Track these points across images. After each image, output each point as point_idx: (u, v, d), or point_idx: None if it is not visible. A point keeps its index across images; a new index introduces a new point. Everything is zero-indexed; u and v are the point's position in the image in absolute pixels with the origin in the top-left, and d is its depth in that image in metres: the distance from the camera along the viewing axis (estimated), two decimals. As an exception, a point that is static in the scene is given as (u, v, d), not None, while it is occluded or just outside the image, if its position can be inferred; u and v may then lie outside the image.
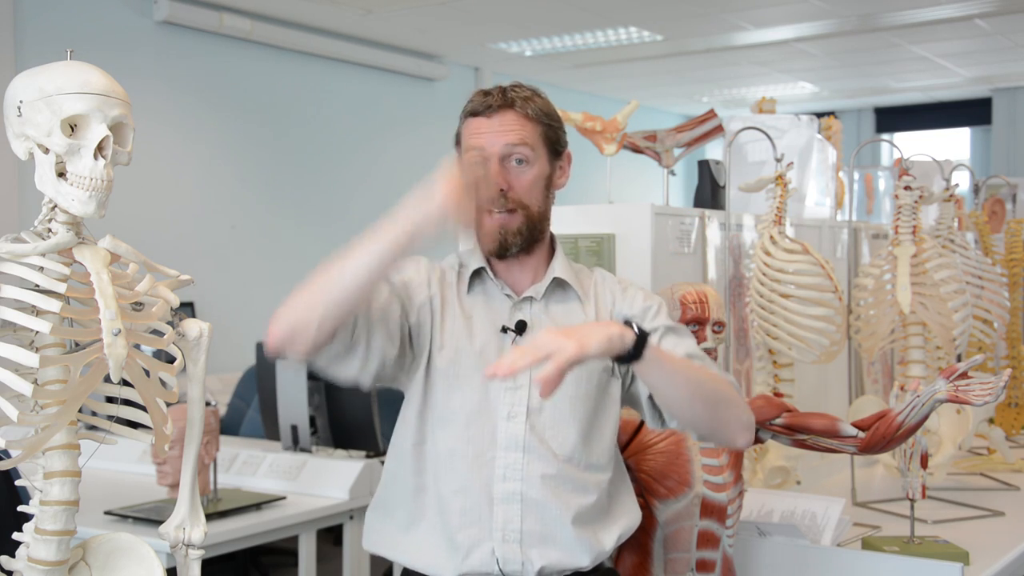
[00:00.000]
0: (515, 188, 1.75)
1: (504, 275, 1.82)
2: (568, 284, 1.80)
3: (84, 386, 1.46)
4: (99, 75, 1.46)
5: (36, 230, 1.50)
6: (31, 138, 1.45)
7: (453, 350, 1.75)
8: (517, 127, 1.76)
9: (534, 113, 1.77)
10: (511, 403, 1.72)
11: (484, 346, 1.75)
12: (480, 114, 1.77)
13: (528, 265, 1.81)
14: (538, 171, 1.77)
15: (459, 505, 1.70)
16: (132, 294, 1.51)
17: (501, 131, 1.75)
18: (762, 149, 3.08)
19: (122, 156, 1.49)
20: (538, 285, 1.80)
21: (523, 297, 1.79)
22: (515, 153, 1.75)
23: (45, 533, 1.47)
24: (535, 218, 1.77)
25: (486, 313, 1.78)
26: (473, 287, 1.81)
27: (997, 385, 1.80)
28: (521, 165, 1.75)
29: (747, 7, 6.71)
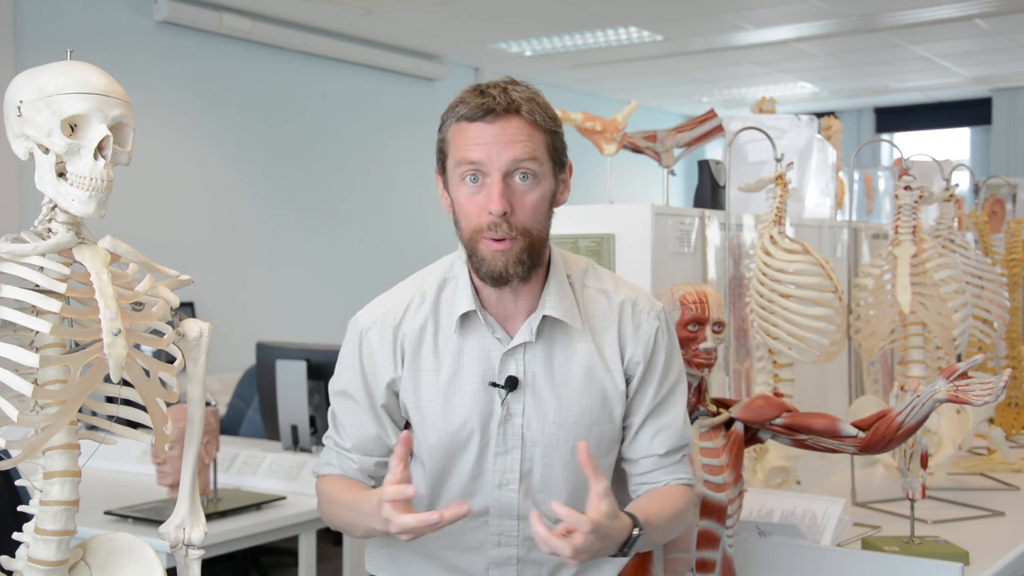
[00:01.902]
0: (517, 212, 1.54)
1: (496, 309, 1.64)
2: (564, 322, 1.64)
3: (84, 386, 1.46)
4: (99, 75, 1.46)
5: (36, 230, 1.50)
6: (31, 138, 1.45)
7: (437, 414, 1.63)
8: (524, 137, 1.53)
9: (542, 120, 1.56)
10: (502, 470, 1.63)
11: (472, 405, 1.62)
12: (478, 119, 1.53)
13: (523, 295, 1.63)
14: (544, 189, 1.57)
15: (453, 561, 1.68)
16: (132, 294, 1.51)
17: (507, 142, 1.52)
18: (762, 149, 3.08)
19: (122, 156, 1.49)
20: (531, 322, 1.62)
21: (515, 344, 1.62)
22: (521, 169, 1.53)
23: (45, 533, 1.47)
24: (537, 244, 1.58)
25: (475, 363, 1.63)
26: (463, 329, 1.63)
27: (997, 385, 1.80)
28: (526, 182, 1.54)
29: (747, 7, 6.71)
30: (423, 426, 1.64)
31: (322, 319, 7.01)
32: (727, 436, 1.98)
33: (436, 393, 1.62)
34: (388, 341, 1.65)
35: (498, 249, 1.54)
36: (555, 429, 1.62)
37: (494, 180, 1.52)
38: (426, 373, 1.63)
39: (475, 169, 1.54)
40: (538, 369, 1.62)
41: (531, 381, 1.62)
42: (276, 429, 3.57)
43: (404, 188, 7.73)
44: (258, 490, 3.15)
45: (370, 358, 1.66)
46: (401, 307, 1.67)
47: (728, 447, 1.96)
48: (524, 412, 1.62)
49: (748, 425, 2.00)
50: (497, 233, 1.53)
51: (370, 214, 7.53)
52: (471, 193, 1.55)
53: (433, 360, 1.63)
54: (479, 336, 1.63)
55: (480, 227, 1.54)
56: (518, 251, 1.55)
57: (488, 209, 1.52)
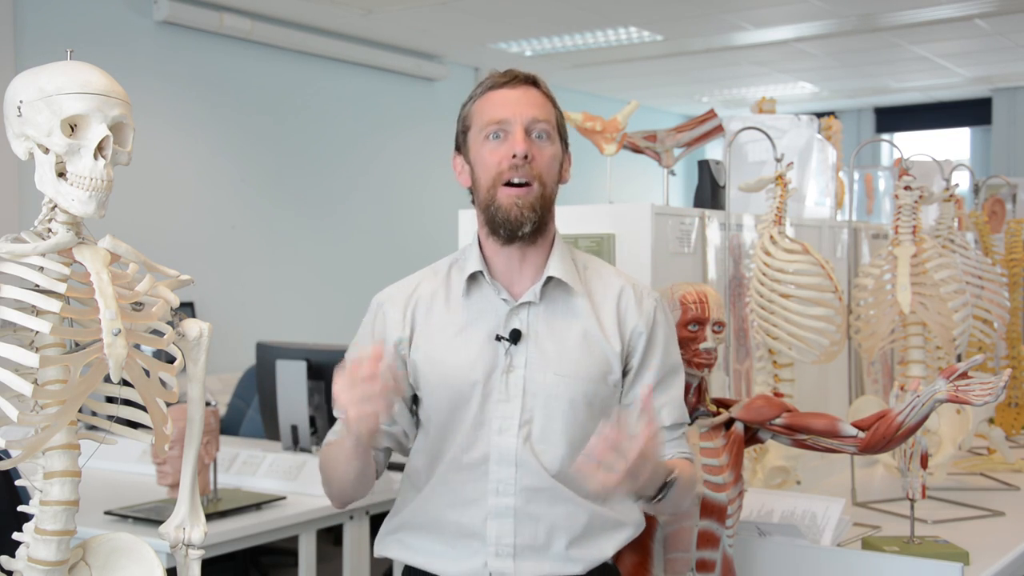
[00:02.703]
0: (536, 159, 1.71)
1: (502, 275, 1.77)
2: (566, 284, 1.76)
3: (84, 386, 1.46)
4: (99, 75, 1.46)
5: (36, 230, 1.50)
6: (31, 138, 1.45)
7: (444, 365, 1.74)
8: (540, 101, 1.76)
9: (552, 99, 1.79)
10: (502, 416, 1.70)
11: (477, 357, 1.72)
12: (503, 86, 1.77)
13: (528, 261, 1.77)
14: (556, 150, 1.76)
15: (453, 518, 1.72)
16: (132, 294, 1.51)
17: (528, 103, 1.74)
18: (762, 149, 3.08)
19: (122, 156, 1.49)
20: (535, 286, 1.75)
21: (520, 302, 1.74)
22: (539, 127, 1.73)
23: (45, 533, 1.47)
24: (547, 197, 1.74)
25: (481, 320, 1.75)
26: (470, 291, 1.77)
27: (997, 385, 1.80)
28: (542, 140, 1.73)
29: (747, 7, 6.71)
30: (431, 380, 1.75)
31: (322, 319, 7.01)
32: (727, 436, 1.98)
33: (445, 348, 1.74)
34: (399, 307, 1.79)
35: (515, 194, 1.69)
36: (555, 380, 1.70)
37: (517, 131, 1.71)
38: (436, 330, 1.76)
39: (499, 127, 1.72)
40: (540, 326, 1.74)
41: (534, 335, 1.73)
42: (276, 429, 3.57)
43: (404, 188, 7.73)
44: (258, 490, 3.15)
45: (382, 325, 1.80)
46: (414, 281, 1.84)
47: (728, 447, 1.97)
48: (527, 363, 1.71)
49: (748, 425, 2.00)
50: (518, 174, 1.69)
51: (370, 214, 7.53)
52: (494, 147, 1.72)
53: (443, 319, 1.76)
54: (486, 298, 1.76)
55: (500, 172, 1.70)
56: (533, 199, 1.70)
57: (512, 151, 1.69)
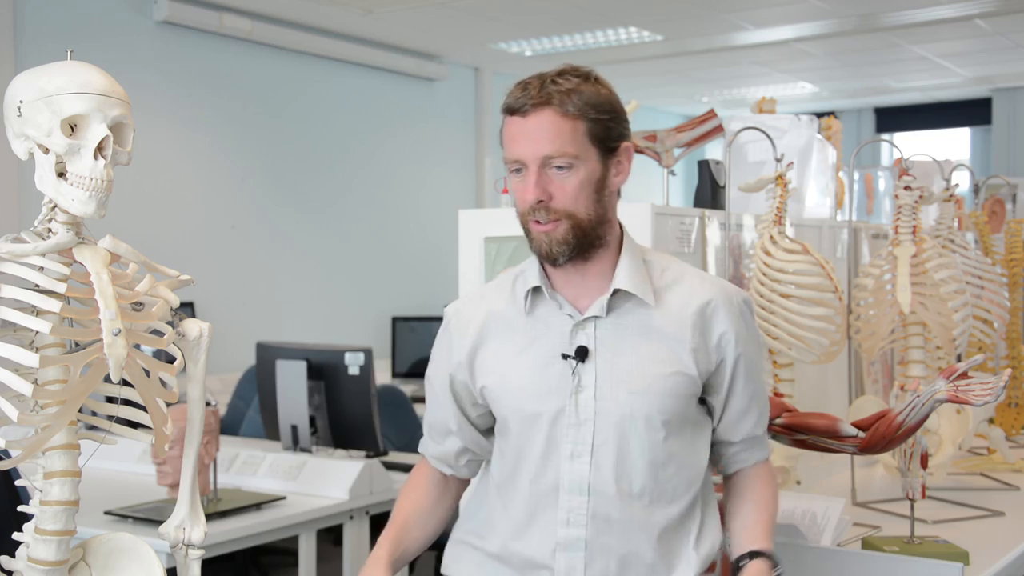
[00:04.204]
0: (556, 197, 1.61)
1: (564, 288, 1.70)
2: (636, 295, 1.67)
3: (84, 386, 1.46)
4: (99, 75, 1.46)
5: (36, 230, 1.50)
6: (31, 138, 1.45)
7: (510, 387, 1.69)
8: (553, 131, 1.60)
9: (576, 109, 1.60)
10: (574, 441, 1.64)
11: (543, 378, 1.66)
12: (515, 113, 1.63)
13: (590, 274, 1.68)
14: (584, 175, 1.61)
15: (519, 548, 1.67)
16: (132, 294, 1.51)
17: (536, 138, 1.60)
18: (762, 149, 3.08)
19: (122, 156, 1.49)
20: (602, 299, 1.66)
21: (585, 317, 1.66)
22: (555, 162, 1.61)
23: (45, 533, 1.47)
24: (585, 225, 1.63)
25: (546, 337, 1.68)
26: (533, 306, 1.70)
27: (997, 385, 1.80)
28: (563, 171, 1.61)
29: (747, 7, 6.71)
30: (500, 403, 1.70)
31: (322, 319, 7.01)
32: (727, 436, 1.97)
33: (510, 369, 1.68)
34: (463, 324, 1.75)
35: (542, 231, 1.62)
36: (628, 398, 1.63)
37: (530, 171, 1.61)
38: (500, 350, 1.70)
39: (516, 164, 1.64)
40: (609, 341, 1.65)
41: (602, 352, 1.65)
42: (276, 429, 3.57)
43: (404, 188, 7.73)
44: (258, 490, 3.15)
45: (446, 344, 1.77)
46: (480, 296, 1.80)
47: (728, 447, 1.96)
48: (596, 383, 1.64)
49: (748, 425, 2.00)
50: (537, 217, 1.62)
51: (370, 214, 7.52)
52: (517, 182, 1.65)
53: (507, 337, 1.70)
54: (549, 313, 1.69)
55: (525, 212, 1.65)
56: (562, 232, 1.62)
57: (526, 196, 1.62)
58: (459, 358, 1.74)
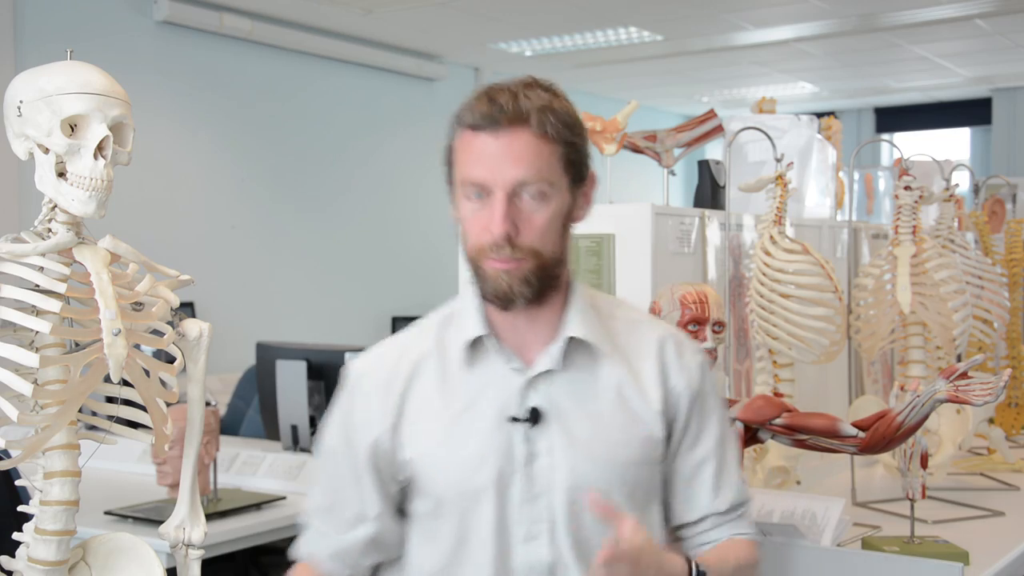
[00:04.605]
0: (524, 233, 1.37)
1: (508, 336, 1.45)
2: (591, 344, 1.45)
3: (84, 386, 1.46)
4: (99, 75, 1.46)
5: (36, 230, 1.50)
6: (31, 138, 1.45)
7: (444, 462, 1.42)
8: (532, 155, 1.37)
9: (555, 132, 1.38)
10: (529, 520, 1.40)
11: (487, 448, 1.40)
12: (483, 129, 1.38)
13: (540, 320, 1.45)
14: (555, 208, 1.39)
15: None
16: (132, 294, 1.51)
17: (511, 161, 1.36)
18: (762, 149, 3.08)
19: (122, 156, 1.49)
20: (552, 348, 1.43)
21: (537, 372, 1.42)
22: (529, 190, 1.37)
23: (45, 533, 1.47)
24: (548, 264, 1.40)
25: (488, 397, 1.42)
26: (472, 360, 1.44)
27: (997, 385, 1.80)
28: (535, 200, 1.38)
29: (747, 7, 6.71)
30: (432, 478, 1.43)
31: (322, 319, 7.01)
32: (727, 436, 1.97)
33: (444, 437, 1.42)
34: (381, 386, 1.46)
35: (502, 269, 1.38)
36: (589, 468, 1.41)
37: (497, 199, 1.36)
38: (431, 416, 1.43)
39: (477, 188, 1.38)
40: (564, 400, 1.42)
41: (557, 413, 1.41)
42: (276, 429, 3.57)
43: (404, 188, 7.73)
44: (258, 490, 3.15)
45: (363, 407, 1.47)
46: (399, 347, 1.50)
47: (728, 447, 1.96)
48: (551, 450, 1.40)
49: (748, 425, 2.00)
50: (500, 255, 1.37)
51: (370, 214, 7.53)
52: (475, 209, 1.39)
53: (439, 400, 1.44)
54: (492, 367, 1.44)
55: (482, 247, 1.38)
56: (525, 272, 1.38)
57: (490, 230, 1.37)
58: (384, 423, 1.44)
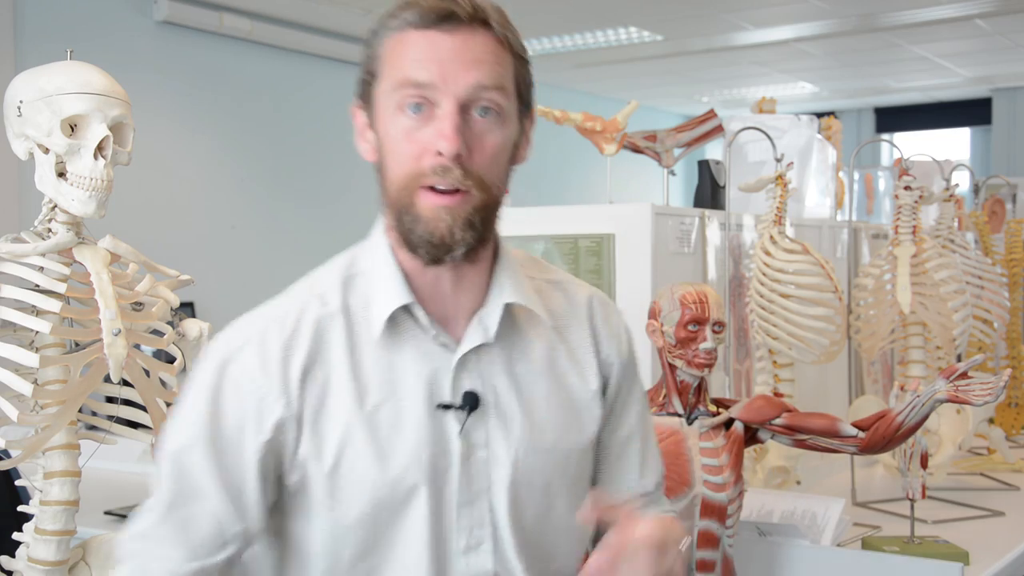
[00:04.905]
0: (475, 156, 1.12)
1: (433, 304, 1.18)
2: (528, 311, 1.22)
3: (84, 386, 1.46)
4: (99, 75, 1.47)
5: (36, 230, 1.50)
6: (31, 138, 1.45)
7: (361, 463, 1.13)
8: (492, 58, 1.13)
9: (515, 41, 1.18)
10: (470, 526, 1.16)
11: (415, 442, 1.14)
12: (432, 26, 1.11)
13: (466, 282, 1.19)
14: (508, 133, 1.16)
15: None
16: (132, 294, 1.51)
17: (470, 60, 1.11)
18: (762, 149, 3.08)
19: (122, 156, 1.49)
20: (484, 317, 1.18)
21: (469, 348, 1.17)
22: (484, 100, 1.12)
23: (45, 533, 1.47)
24: (492, 206, 1.16)
25: (415, 378, 1.15)
26: (391, 336, 1.16)
27: (997, 385, 1.80)
28: (488, 119, 1.13)
29: (747, 7, 6.71)
30: (343, 488, 1.13)
31: (322, 319, 7.02)
32: (727, 436, 1.98)
33: (361, 433, 1.13)
34: (274, 366, 1.14)
35: (443, 204, 1.11)
36: (532, 460, 1.19)
37: (446, 111, 1.10)
38: (344, 403, 1.14)
39: (420, 95, 1.10)
40: (500, 380, 1.19)
41: (494, 398, 1.18)
42: (276, 429, 3.56)
43: (404, 188, 7.73)
44: (258, 490, 3.15)
45: (237, 397, 1.14)
46: (289, 319, 1.17)
47: (728, 447, 1.96)
48: (488, 442, 1.17)
49: (748, 425, 2.00)
50: (446, 180, 1.10)
51: (370, 213, 7.47)
52: (411, 128, 1.12)
53: (352, 383, 1.14)
54: (415, 344, 1.16)
55: (420, 172, 1.11)
56: (469, 210, 1.12)
57: (437, 148, 1.10)
58: (275, 414, 1.12)
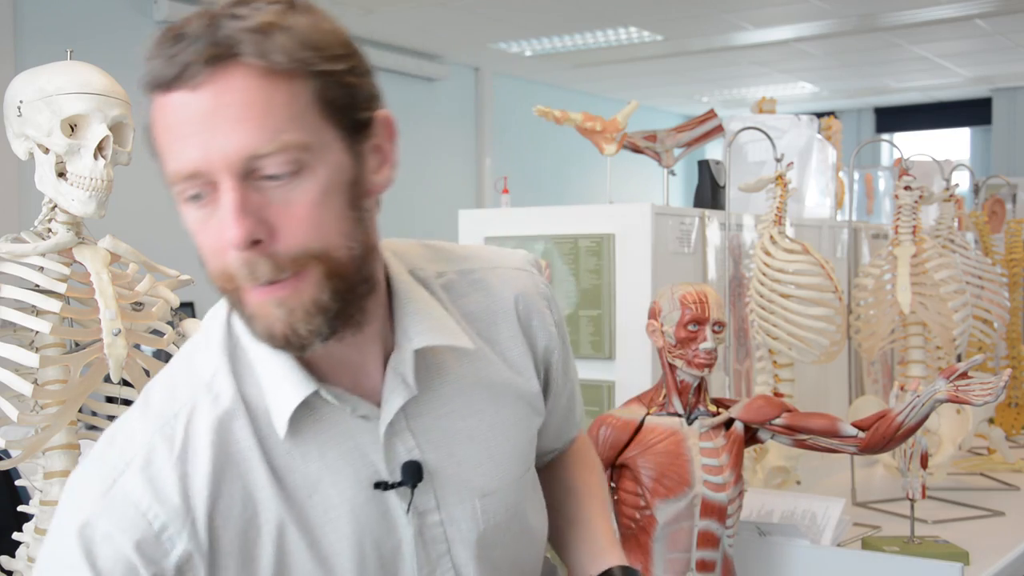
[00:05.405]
0: (284, 232, 0.88)
1: (336, 371, 0.99)
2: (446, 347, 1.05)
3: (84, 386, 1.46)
4: (99, 75, 1.47)
5: (36, 230, 1.50)
6: (31, 138, 1.45)
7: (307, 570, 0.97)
8: (258, 105, 0.85)
9: (289, 59, 0.86)
10: None
11: (360, 537, 0.99)
12: (174, 86, 0.87)
13: (367, 336, 0.99)
14: (325, 180, 0.89)
15: None
16: (132, 294, 1.51)
17: (226, 122, 0.85)
18: (762, 149, 3.08)
19: (122, 156, 1.49)
20: (398, 366, 1.00)
21: (392, 413, 1.00)
22: (264, 165, 0.86)
23: (45, 533, 1.47)
24: (344, 269, 0.92)
25: (342, 468, 0.98)
26: (301, 428, 0.97)
27: (997, 385, 1.80)
28: (284, 181, 0.87)
29: (747, 7, 6.71)
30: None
31: (322, 319, 7.02)
32: (727, 436, 1.98)
33: (295, 543, 0.97)
34: (169, 490, 0.93)
35: (269, 299, 0.89)
36: (489, 505, 1.07)
37: (225, 189, 0.87)
38: (264, 522, 0.96)
39: (192, 185, 0.90)
40: (437, 431, 1.04)
41: (434, 453, 1.03)
42: (276, 429, 3.57)
43: (404, 187, 7.72)
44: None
45: (114, 547, 0.91)
46: (178, 428, 0.96)
47: (728, 447, 1.96)
48: (440, 505, 1.04)
49: (748, 425, 2.00)
50: (255, 277, 0.88)
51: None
52: (201, 220, 0.92)
53: (271, 492, 0.96)
54: (332, 427, 0.99)
55: (230, 273, 0.90)
56: (311, 288, 0.90)
57: (225, 238, 0.88)
58: (183, 548, 0.92)
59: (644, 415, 1.92)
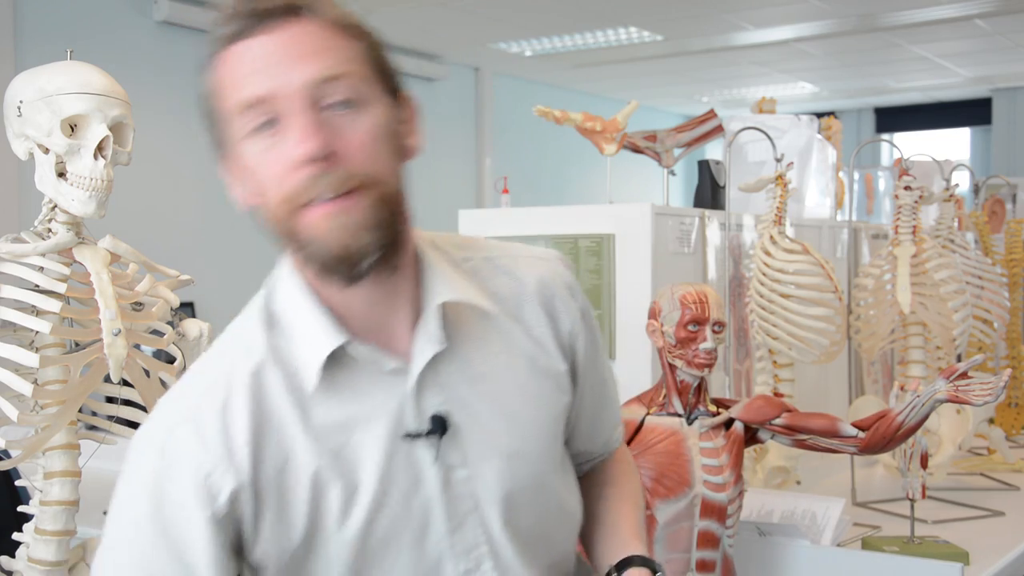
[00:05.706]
0: (348, 151, 0.98)
1: (369, 328, 1.06)
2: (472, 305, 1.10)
3: (84, 386, 1.46)
4: (99, 75, 1.47)
5: (36, 230, 1.50)
6: (31, 138, 1.45)
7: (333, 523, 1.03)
8: (325, 47, 0.98)
9: (351, 23, 1.02)
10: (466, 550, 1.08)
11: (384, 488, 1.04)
12: (248, 35, 0.97)
13: (398, 295, 1.07)
14: (377, 119, 1.00)
15: None
16: (132, 294, 1.51)
17: (298, 57, 0.97)
18: (762, 149, 3.08)
19: (122, 156, 1.49)
20: (426, 324, 1.06)
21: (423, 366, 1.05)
22: (331, 91, 0.97)
23: (45, 533, 1.47)
24: (393, 198, 1.03)
25: (370, 418, 1.04)
26: (332, 381, 1.03)
27: (997, 385, 1.80)
28: (348, 110, 0.98)
29: (747, 7, 6.71)
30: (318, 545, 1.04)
31: (322, 319, 7.02)
32: (727, 436, 1.98)
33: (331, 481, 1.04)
34: (214, 439, 1.01)
35: (331, 211, 0.97)
36: (514, 466, 1.10)
37: (295, 113, 0.96)
38: (301, 460, 1.03)
39: (262, 112, 0.97)
40: (463, 388, 1.08)
41: (461, 409, 1.08)
42: (276, 429, 3.56)
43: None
44: (258, 490, 3.15)
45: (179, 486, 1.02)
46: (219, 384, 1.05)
47: (728, 447, 1.96)
48: (467, 459, 1.08)
49: (748, 425, 2.00)
50: (323, 188, 0.97)
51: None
52: (267, 149, 0.99)
53: (303, 437, 1.03)
54: (362, 378, 1.05)
55: (294, 192, 0.98)
56: (366, 210, 0.99)
57: (297, 156, 0.96)
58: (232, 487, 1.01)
59: (644, 415, 1.92)
